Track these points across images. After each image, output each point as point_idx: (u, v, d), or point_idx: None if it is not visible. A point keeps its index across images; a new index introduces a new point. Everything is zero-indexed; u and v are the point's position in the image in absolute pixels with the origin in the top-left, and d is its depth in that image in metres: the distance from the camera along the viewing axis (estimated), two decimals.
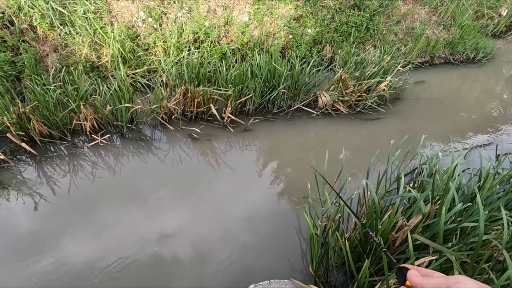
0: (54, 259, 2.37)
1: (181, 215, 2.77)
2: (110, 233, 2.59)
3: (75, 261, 2.36)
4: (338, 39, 5.10)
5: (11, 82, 3.60)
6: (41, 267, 2.31)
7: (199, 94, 3.45)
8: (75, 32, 4.05)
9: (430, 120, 4.22)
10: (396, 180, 2.09)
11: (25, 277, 2.24)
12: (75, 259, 2.37)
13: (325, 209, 2.34)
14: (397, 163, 2.16)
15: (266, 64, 3.77)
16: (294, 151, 3.56)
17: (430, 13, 5.76)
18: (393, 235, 1.71)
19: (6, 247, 2.43)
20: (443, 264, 1.60)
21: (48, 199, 2.86)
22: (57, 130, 3.29)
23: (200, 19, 4.53)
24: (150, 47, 4.43)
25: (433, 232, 1.69)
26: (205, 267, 2.38)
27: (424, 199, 1.81)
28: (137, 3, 4.43)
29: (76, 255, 2.40)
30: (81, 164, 3.24)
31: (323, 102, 4.01)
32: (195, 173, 3.22)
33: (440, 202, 1.62)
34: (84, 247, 2.46)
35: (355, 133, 3.88)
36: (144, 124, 3.69)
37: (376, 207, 1.63)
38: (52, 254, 2.40)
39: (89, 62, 4.04)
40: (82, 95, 3.29)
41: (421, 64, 5.42)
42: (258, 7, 4.90)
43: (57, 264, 2.34)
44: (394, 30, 5.38)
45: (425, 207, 1.71)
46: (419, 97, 4.61)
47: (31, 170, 3.12)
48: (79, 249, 2.45)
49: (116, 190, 2.98)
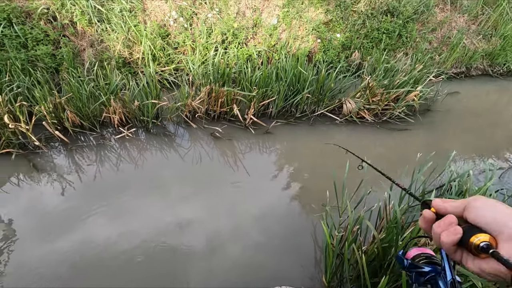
0: (78, 238, 2.52)
1: (198, 210, 2.82)
2: (130, 220, 2.70)
3: (97, 241, 2.50)
4: (367, 45, 4.97)
5: (50, 74, 3.84)
6: (66, 244, 2.46)
7: (223, 94, 3.49)
8: (111, 29, 4.24)
9: (462, 134, 4.00)
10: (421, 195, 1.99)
11: (51, 251, 2.40)
12: (97, 240, 2.51)
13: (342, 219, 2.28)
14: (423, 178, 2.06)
15: (292, 67, 3.75)
16: (314, 157, 3.51)
17: (469, 22, 5.46)
18: None
19: (37, 225, 2.61)
20: None
21: (75, 185, 3.01)
22: (88, 121, 3.46)
23: (229, 20, 4.59)
24: (179, 46, 4.54)
25: None
26: (217, 262, 2.39)
27: None
28: (170, 3, 4.57)
29: (98, 237, 2.53)
30: (107, 155, 3.39)
31: (348, 109, 3.92)
32: (214, 171, 3.26)
33: None
34: (106, 231, 2.59)
35: (379, 143, 3.75)
36: (169, 120, 3.79)
37: (398, 222, 1.56)
38: (77, 234, 2.55)
39: (121, 58, 4.22)
40: (112, 89, 3.44)
41: (456, 75, 5.15)
42: (288, 10, 4.89)
43: (81, 242, 2.49)
44: (428, 38, 5.16)
45: None
46: (451, 109, 4.38)
47: (62, 157, 3.30)
48: (101, 231, 2.58)
49: (137, 182, 3.08)
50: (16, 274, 2.24)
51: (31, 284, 2.16)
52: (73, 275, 2.26)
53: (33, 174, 3.06)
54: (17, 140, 3.21)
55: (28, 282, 2.18)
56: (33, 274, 2.25)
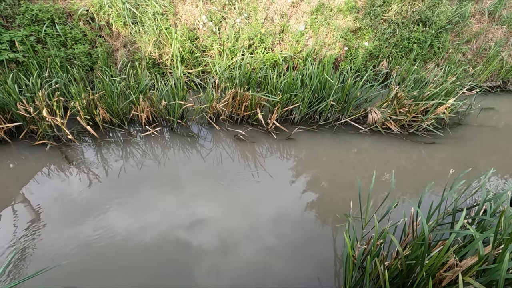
0: (100, 225, 2.66)
1: (216, 210, 2.85)
2: (149, 214, 2.79)
3: (117, 231, 2.63)
4: (397, 54, 4.85)
5: (85, 72, 4.05)
6: (89, 230, 2.62)
7: (247, 98, 3.52)
8: (143, 31, 4.42)
9: (493, 150, 3.78)
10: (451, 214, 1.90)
11: (75, 236, 2.56)
12: (116, 230, 2.64)
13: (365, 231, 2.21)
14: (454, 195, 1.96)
15: (317, 74, 3.72)
16: (336, 165, 3.44)
17: (508, 34, 5.19)
18: (441, 273, 1.55)
19: (64, 212, 2.76)
20: None
21: (101, 177, 3.15)
22: (117, 118, 3.61)
23: (257, 26, 4.65)
24: (207, 49, 4.65)
25: (490, 279, 1.50)
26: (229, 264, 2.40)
27: (483, 240, 1.62)
28: (200, 7, 4.70)
29: (118, 227, 2.66)
30: (133, 151, 3.51)
31: (373, 119, 3.83)
32: (235, 172, 3.29)
33: (504, 246, 1.43)
34: (125, 222, 2.71)
35: (404, 155, 3.63)
36: (193, 121, 3.87)
37: (426, 239, 1.49)
38: (99, 223, 2.69)
39: (151, 59, 4.38)
40: (142, 89, 3.57)
41: (491, 89, 4.90)
42: (316, 17, 4.88)
43: (102, 230, 2.63)
44: (462, 49, 4.95)
45: (483, 249, 1.53)
46: (484, 125, 4.16)
47: (91, 151, 3.46)
48: (121, 222, 2.71)
49: (159, 178, 3.17)
50: (43, 255, 2.39)
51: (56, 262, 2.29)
52: (93, 259, 2.40)
53: (64, 165, 3.23)
54: (52, 132, 3.40)
55: (53, 262, 2.32)
56: (58, 255, 2.40)
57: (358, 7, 4.96)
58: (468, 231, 1.52)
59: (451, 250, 1.54)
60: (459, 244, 1.69)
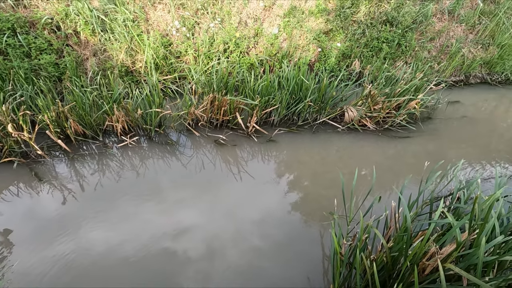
0: (77, 242, 2.54)
1: (200, 217, 2.79)
2: (130, 225, 2.70)
3: (95, 248, 2.51)
4: (368, 54, 5.03)
5: (53, 83, 3.85)
6: (66, 249, 2.48)
7: (226, 103, 3.50)
8: (114, 38, 4.28)
9: (462, 141, 4.02)
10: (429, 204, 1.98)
11: (50, 255, 2.44)
12: (96, 244, 2.53)
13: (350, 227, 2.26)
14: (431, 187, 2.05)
15: (293, 76, 3.78)
16: (317, 165, 3.50)
17: (466, 31, 5.55)
18: (424, 262, 1.61)
19: (36, 232, 2.60)
20: None
21: (76, 193, 2.99)
22: (90, 129, 3.45)
23: (231, 30, 4.65)
24: (182, 55, 4.58)
25: (468, 264, 1.58)
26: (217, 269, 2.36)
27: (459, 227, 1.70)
28: (172, 13, 4.63)
29: (97, 242, 2.56)
30: (109, 164, 3.37)
31: (349, 117, 3.94)
32: (217, 178, 3.25)
33: (479, 231, 1.51)
34: (105, 236, 2.60)
35: (381, 151, 3.76)
36: (171, 129, 3.79)
37: (408, 231, 1.55)
38: (75, 242, 2.55)
39: (124, 67, 4.25)
40: (115, 98, 3.44)
41: (455, 83, 5.20)
42: (289, 20, 4.96)
43: (80, 247, 2.51)
44: (427, 47, 5.23)
45: (461, 236, 1.60)
46: (451, 117, 4.41)
47: (64, 166, 3.28)
48: (100, 236, 2.60)
49: (139, 189, 3.06)
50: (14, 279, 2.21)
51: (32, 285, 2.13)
52: (72, 278, 2.28)
53: (35, 183, 3.04)
54: (20, 149, 3.19)
55: (29, 284, 2.16)
56: (34, 276, 2.25)
57: (328, 9, 5.10)
58: (446, 219, 1.60)
59: (432, 239, 1.61)
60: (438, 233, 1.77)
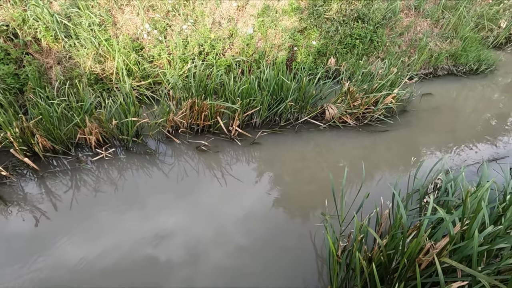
0: (52, 262, 2.36)
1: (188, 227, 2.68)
2: (109, 239, 2.56)
3: (72, 262, 2.38)
4: (342, 51, 5.11)
5: (14, 95, 3.52)
6: (39, 267, 2.34)
7: (206, 108, 3.39)
8: (80, 44, 4.00)
9: (436, 131, 4.19)
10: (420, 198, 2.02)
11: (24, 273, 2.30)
12: (72, 262, 2.37)
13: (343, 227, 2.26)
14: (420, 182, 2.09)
15: (273, 77, 3.74)
16: (301, 164, 3.49)
17: (432, 25, 5.81)
18: (421, 258, 1.63)
19: (7, 255, 2.39)
20: None
21: (49, 214, 2.78)
22: (60, 144, 3.20)
23: (206, 31, 4.52)
24: (155, 59, 4.39)
25: (462, 256, 1.61)
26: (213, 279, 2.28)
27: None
28: (142, 16, 4.42)
29: (73, 258, 2.42)
30: (84, 179, 3.15)
31: (330, 115, 3.97)
32: (202, 185, 3.14)
33: (470, 223, 1.55)
34: (82, 252, 2.46)
35: (362, 146, 3.83)
36: (150, 137, 3.61)
37: (404, 228, 1.55)
38: (50, 257, 2.40)
39: (93, 75, 3.99)
40: (87, 109, 3.22)
41: (425, 76, 5.43)
42: (263, 19, 4.91)
43: (55, 266, 2.33)
44: (397, 42, 5.41)
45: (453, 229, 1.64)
46: (425, 109, 4.59)
47: (33, 185, 3.02)
48: (76, 253, 2.45)
49: (118, 202, 2.91)
50: None
51: None
52: None
53: (0, 207, 2.76)
54: None
55: None
56: None
57: (301, 8, 5.11)
58: (438, 214, 1.63)
59: (426, 234, 1.63)
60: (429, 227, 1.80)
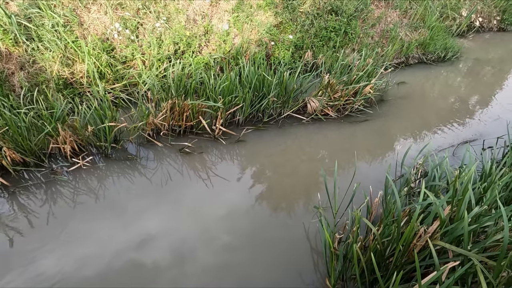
0: (27, 276, 2.15)
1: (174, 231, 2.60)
2: (90, 248, 2.45)
3: (49, 275, 2.22)
4: (318, 44, 5.16)
5: None
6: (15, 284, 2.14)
7: (188, 108, 3.28)
8: (44, 47, 3.72)
9: (410, 119, 4.34)
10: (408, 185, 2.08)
11: None
12: (49, 274, 2.19)
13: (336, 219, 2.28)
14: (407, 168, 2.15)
15: (253, 73, 3.69)
16: (288, 159, 3.50)
17: (401, 16, 6.01)
18: (415, 243, 1.68)
19: None
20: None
21: (24, 232, 2.58)
22: (32, 156, 2.97)
23: (181, 29, 4.38)
24: (128, 59, 4.19)
25: (452, 238, 1.68)
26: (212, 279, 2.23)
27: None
28: (110, 15, 4.19)
29: (50, 271, 2.25)
30: (61, 191, 2.96)
31: (312, 108, 4.00)
32: (188, 188, 3.06)
33: (459, 205, 1.61)
34: (59, 263, 2.33)
35: (344, 137, 3.90)
36: (130, 142, 3.45)
37: (399, 216, 1.59)
38: (26, 273, 2.19)
39: (61, 79, 3.73)
40: (58, 116, 3.00)
41: (398, 65, 5.62)
42: (238, 15, 4.83)
43: (29, 280, 2.13)
44: (370, 33, 5.54)
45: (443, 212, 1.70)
46: (400, 97, 4.76)
47: (3, 203, 2.79)
48: (53, 265, 2.31)
49: (100, 214, 2.76)
50: None
51: None
52: None
53: None
54: None
55: None
56: None
57: (276, 2, 5.09)
58: (429, 199, 1.69)
59: (419, 219, 1.68)
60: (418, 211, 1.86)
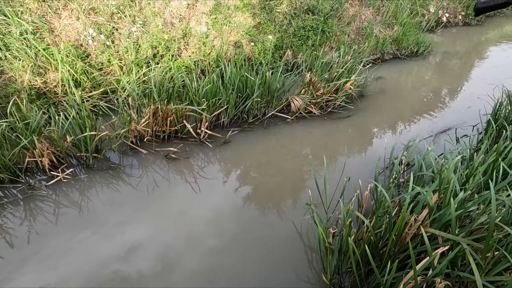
0: None
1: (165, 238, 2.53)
2: (73, 262, 2.32)
3: None
4: (297, 43, 5.22)
5: None
6: None
7: (171, 112, 3.22)
8: (12, 56, 3.53)
9: (388, 113, 4.49)
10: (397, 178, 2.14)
11: None
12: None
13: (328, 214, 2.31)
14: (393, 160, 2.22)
15: (236, 74, 3.68)
16: (275, 158, 3.51)
17: (374, 14, 6.21)
18: (407, 231, 1.74)
19: None
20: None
21: (2, 253, 2.42)
22: (6, 172, 2.79)
23: (159, 33, 4.29)
24: (105, 66, 4.05)
25: (441, 224, 1.75)
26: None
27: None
28: (83, 20, 4.03)
29: None
30: (40, 207, 2.81)
31: (296, 106, 4.04)
32: (174, 196, 3.00)
33: (445, 193, 1.68)
34: (39, 281, 2.13)
35: (328, 133, 3.97)
36: (113, 151, 3.33)
37: (390, 207, 1.64)
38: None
39: (34, 89, 3.55)
40: (33, 128, 2.85)
41: (375, 61, 5.80)
42: (216, 17, 4.80)
43: None
44: (346, 31, 5.68)
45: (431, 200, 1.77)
46: (378, 92, 4.91)
47: None
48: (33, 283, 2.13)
49: (84, 226, 2.64)
50: None
51: None
52: None
53: None
54: None
55: None
56: None
57: (253, 3, 5.10)
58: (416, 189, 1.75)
59: (409, 209, 1.74)
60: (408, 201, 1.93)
